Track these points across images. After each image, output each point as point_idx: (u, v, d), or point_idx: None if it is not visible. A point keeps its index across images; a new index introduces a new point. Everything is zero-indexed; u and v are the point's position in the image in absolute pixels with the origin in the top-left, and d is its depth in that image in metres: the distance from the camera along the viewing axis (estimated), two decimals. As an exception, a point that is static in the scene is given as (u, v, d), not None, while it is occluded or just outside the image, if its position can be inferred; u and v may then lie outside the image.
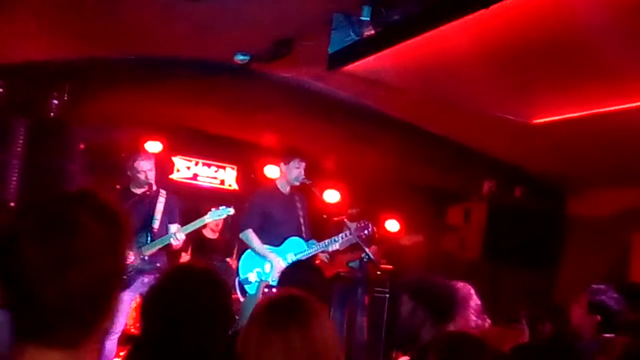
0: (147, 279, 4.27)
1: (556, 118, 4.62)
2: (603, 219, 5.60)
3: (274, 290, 3.66)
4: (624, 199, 5.44)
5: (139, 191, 4.56)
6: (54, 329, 0.94)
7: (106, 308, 0.99)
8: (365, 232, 4.92)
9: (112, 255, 0.98)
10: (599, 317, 3.09)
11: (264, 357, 1.52)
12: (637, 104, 4.02)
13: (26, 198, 4.79)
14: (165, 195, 4.61)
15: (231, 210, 4.76)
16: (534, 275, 5.78)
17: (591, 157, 5.22)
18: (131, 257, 4.30)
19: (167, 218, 4.58)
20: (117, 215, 1.01)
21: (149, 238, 4.45)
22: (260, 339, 1.54)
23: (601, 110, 4.27)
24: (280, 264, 4.55)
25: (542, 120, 4.73)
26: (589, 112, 4.35)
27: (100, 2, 3.95)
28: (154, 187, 4.55)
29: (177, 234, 4.44)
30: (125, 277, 4.28)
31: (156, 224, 4.50)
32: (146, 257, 4.40)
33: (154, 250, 4.44)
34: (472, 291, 3.07)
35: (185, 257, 5.96)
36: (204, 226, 5.49)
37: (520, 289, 5.80)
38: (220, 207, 4.73)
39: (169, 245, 4.48)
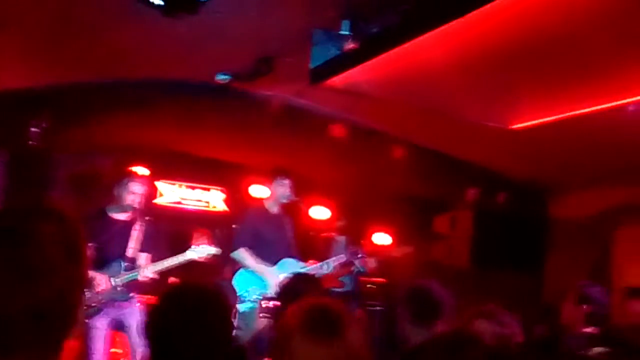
0: (120, 308, 4.22)
1: (533, 122, 4.72)
2: (584, 219, 5.71)
3: (272, 303, 3.63)
4: (603, 198, 5.56)
5: (119, 216, 4.38)
6: (20, 347, 0.86)
7: (71, 324, 0.93)
8: (358, 258, 4.96)
9: (72, 264, 0.93)
10: (587, 308, 3.18)
11: None
12: (610, 104, 4.14)
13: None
14: (142, 224, 4.41)
15: (215, 250, 4.49)
16: (522, 277, 5.86)
17: (569, 159, 5.33)
18: (102, 285, 4.13)
19: (142, 247, 4.37)
20: (72, 223, 0.97)
21: (122, 267, 4.25)
22: (306, 353, 1.51)
23: (576, 112, 4.38)
24: (275, 280, 4.53)
25: (520, 126, 4.83)
26: (564, 115, 4.46)
27: (78, 27, 3.93)
28: (137, 215, 4.38)
29: (146, 270, 4.24)
30: (96, 304, 4.09)
31: (130, 253, 4.30)
32: (118, 287, 4.20)
33: (125, 282, 4.22)
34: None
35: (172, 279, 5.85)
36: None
37: (510, 292, 5.85)
38: (201, 245, 4.44)
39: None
